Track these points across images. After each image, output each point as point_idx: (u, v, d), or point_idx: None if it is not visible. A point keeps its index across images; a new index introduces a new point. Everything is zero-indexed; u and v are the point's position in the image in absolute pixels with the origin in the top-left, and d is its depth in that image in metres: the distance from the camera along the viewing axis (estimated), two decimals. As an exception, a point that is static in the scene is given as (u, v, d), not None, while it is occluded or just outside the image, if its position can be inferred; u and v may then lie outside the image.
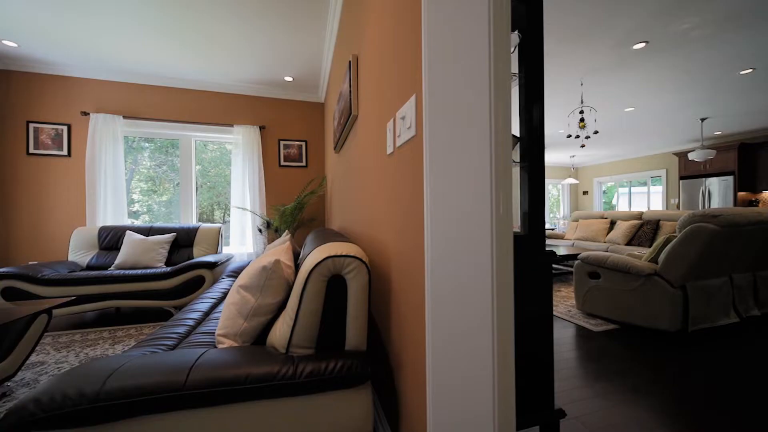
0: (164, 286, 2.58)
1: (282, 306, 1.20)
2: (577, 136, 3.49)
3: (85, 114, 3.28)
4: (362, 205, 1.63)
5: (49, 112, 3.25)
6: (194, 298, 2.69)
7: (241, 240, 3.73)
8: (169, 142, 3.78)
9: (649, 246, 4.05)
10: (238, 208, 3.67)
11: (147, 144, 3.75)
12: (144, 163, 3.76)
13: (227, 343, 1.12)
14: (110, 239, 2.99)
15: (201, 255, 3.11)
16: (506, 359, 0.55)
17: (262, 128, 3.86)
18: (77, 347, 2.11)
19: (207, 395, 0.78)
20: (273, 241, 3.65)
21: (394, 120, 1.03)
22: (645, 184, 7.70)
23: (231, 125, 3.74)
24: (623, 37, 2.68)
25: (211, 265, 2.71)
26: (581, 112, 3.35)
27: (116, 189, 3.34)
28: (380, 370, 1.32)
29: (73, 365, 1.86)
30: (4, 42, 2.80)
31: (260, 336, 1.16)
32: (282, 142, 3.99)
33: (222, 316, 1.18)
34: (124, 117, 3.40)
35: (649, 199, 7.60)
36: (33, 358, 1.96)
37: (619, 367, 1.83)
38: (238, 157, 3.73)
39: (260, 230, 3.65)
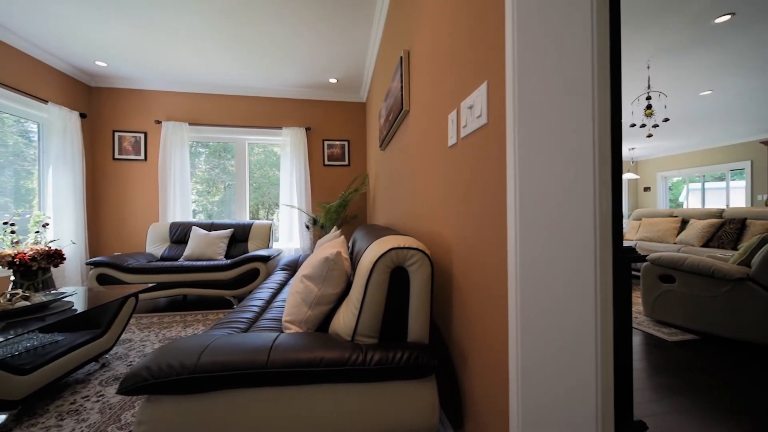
0: (225, 276, 2.81)
1: (341, 296, 1.25)
2: (643, 125, 3.15)
3: (158, 122, 3.68)
4: (414, 199, 1.63)
5: (130, 122, 3.70)
6: (250, 288, 2.90)
7: (289, 236, 3.93)
8: (221, 146, 4.10)
9: (733, 248, 3.54)
10: (287, 205, 3.88)
11: (202, 149, 4.11)
12: (200, 166, 4.12)
13: (293, 329, 1.19)
14: (179, 233, 3.33)
15: (255, 249, 3.34)
16: (608, 360, 0.51)
17: (308, 129, 4.03)
18: (156, 328, 2.38)
19: (286, 374, 0.84)
20: (319, 237, 3.79)
21: (458, 110, 1.01)
22: (722, 178, 6.74)
23: (280, 127, 3.96)
24: (702, 11, 2.37)
25: (265, 259, 2.90)
26: (648, 98, 3.02)
27: (183, 188, 3.71)
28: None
29: (154, 344, 2.10)
30: (96, 63, 3.25)
31: (321, 324, 1.21)
32: (326, 142, 4.13)
33: (287, 304, 1.25)
34: (190, 124, 3.76)
35: (728, 195, 6.64)
36: (122, 335, 2.25)
37: (702, 382, 1.63)
38: (286, 157, 3.93)
39: (307, 227, 3.82)
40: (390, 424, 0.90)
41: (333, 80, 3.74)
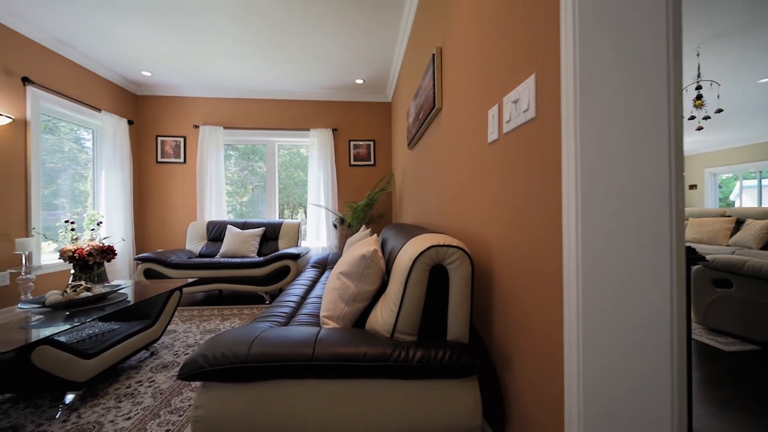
0: (258, 273, 2.93)
1: (377, 294, 1.26)
2: (692, 117, 2.91)
3: (196, 127, 3.90)
4: (446, 197, 1.61)
5: (171, 127, 3.95)
6: (281, 285, 3.00)
7: (317, 235, 4.02)
8: (250, 149, 4.25)
9: (798, 251, 3.19)
10: (315, 205, 3.97)
11: (232, 152, 4.28)
12: (230, 168, 4.29)
13: (331, 324, 1.21)
14: (215, 232, 3.50)
15: (285, 247, 3.45)
16: (682, 373, 0.48)
17: (334, 130, 4.11)
18: (196, 321, 2.52)
19: (331, 367, 0.86)
20: (346, 236, 3.84)
21: (500, 105, 0.99)
22: (784, 174, 6.09)
23: (308, 129, 4.06)
24: (766, -11, 2.15)
25: (296, 257, 2.98)
26: (698, 87, 2.79)
27: (218, 189, 3.91)
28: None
29: (196, 335, 2.22)
30: (142, 73, 3.50)
31: (357, 320, 1.23)
32: (352, 143, 4.19)
33: (324, 300, 1.28)
34: (224, 128, 3.95)
35: (790, 192, 5.99)
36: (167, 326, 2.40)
37: (765, 397, 1.48)
38: (313, 158, 4.03)
39: (335, 225, 3.89)
40: (431, 421, 0.89)
41: (359, 81, 3.78)
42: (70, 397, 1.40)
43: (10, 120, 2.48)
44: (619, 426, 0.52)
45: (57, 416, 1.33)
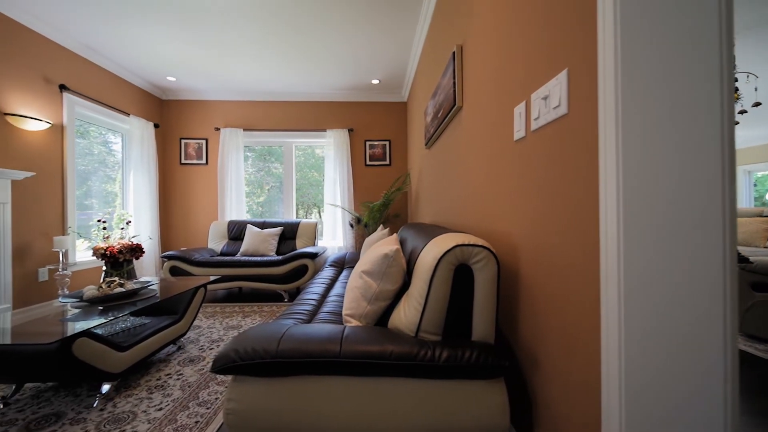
0: (277, 272, 2.99)
1: (398, 293, 1.26)
2: (726, 112, 2.74)
3: (217, 129, 4.02)
4: (468, 196, 1.59)
5: (194, 130, 4.09)
6: (299, 283, 3.05)
7: (333, 234, 4.06)
8: (267, 150, 4.33)
9: None
10: (331, 205, 4.01)
11: (249, 153, 4.38)
12: (247, 169, 4.38)
13: (353, 322, 1.22)
14: (236, 231, 3.60)
15: (302, 246, 3.50)
16: (735, 369, 0.46)
17: (350, 131, 4.14)
18: (219, 317, 2.60)
19: (357, 365, 0.87)
20: (362, 235, 3.87)
21: (527, 102, 0.97)
22: (828, 171, 5.66)
23: (324, 130, 4.11)
24: (811, -27, 2.02)
25: (313, 256, 3.03)
26: (734, 80, 2.64)
27: (238, 189, 4.01)
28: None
29: (219, 331, 2.29)
30: (167, 78, 3.64)
31: (378, 319, 1.23)
32: (368, 143, 4.21)
33: (346, 299, 1.29)
34: (244, 129, 4.06)
35: (836, 191, 5.57)
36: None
37: (817, 409, 1.38)
38: (330, 158, 4.07)
39: (351, 225, 3.92)
40: (457, 422, 0.88)
41: (375, 81, 3.79)
42: (106, 387, 1.47)
43: (49, 125, 2.63)
44: (665, 429, 0.50)
45: (94, 405, 1.40)
